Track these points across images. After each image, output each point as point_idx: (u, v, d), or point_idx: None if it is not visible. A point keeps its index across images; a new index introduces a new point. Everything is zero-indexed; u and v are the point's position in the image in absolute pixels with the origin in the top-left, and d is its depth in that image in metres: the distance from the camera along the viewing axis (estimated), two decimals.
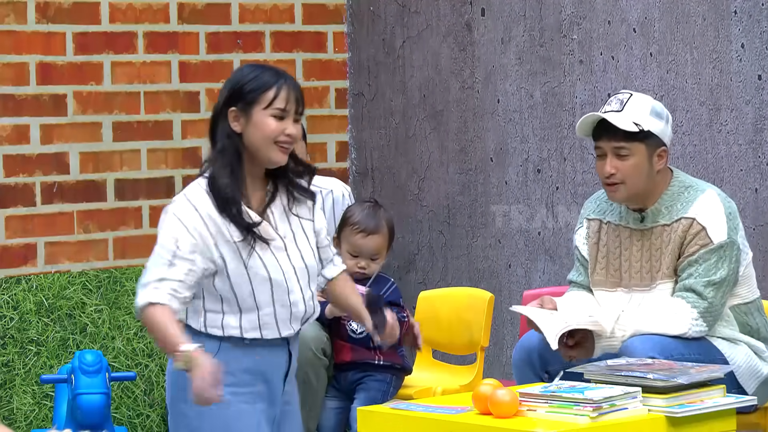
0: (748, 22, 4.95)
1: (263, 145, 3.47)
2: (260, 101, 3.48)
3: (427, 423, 3.47)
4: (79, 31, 5.73)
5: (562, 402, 3.39)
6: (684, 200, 4.13)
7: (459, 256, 5.92)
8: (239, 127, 3.49)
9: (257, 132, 3.48)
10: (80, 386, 5.01)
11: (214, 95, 6.01)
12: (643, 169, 4.10)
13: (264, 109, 3.48)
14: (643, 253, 4.14)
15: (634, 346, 3.94)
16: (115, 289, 5.78)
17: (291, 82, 3.53)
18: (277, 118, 3.48)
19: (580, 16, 5.46)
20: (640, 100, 4.14)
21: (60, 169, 5.71)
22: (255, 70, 3.52)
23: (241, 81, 3.50)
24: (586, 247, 4.24)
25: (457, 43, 5.91)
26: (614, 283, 4.18)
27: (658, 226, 4.13)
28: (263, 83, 3.49)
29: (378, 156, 6.18)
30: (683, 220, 4.09)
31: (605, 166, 4.11)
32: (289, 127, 3.49)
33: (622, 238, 4.19)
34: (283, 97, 3.49)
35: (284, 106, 3.49)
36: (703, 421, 3.48)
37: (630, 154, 4.09)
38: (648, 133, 4.09)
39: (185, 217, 3.47)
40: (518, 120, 5.69)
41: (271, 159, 3.49)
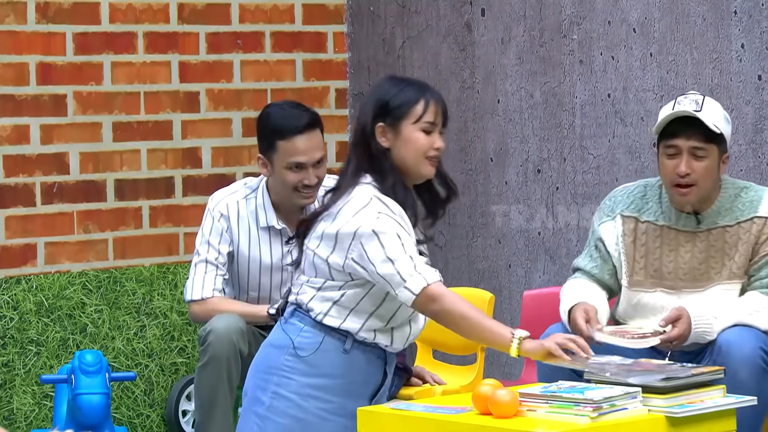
0: (748, 22, 4.95)
1: (414, 160, 3.47)
2: (409, 116, 3.47)
3: (427, 423, 3.47)
4: (79, 32, 5.73)
5: (562, 402, 3.39)
6: (746, 201, 4.05)
7: (459, 256, 5.92)
8: (387, 142, 3.47)
9: (408, 147, 3.47)
10: (80, 386, 5.01)
11: (214, 95, 6.01)
12: (713, 173, 4.01)
13: (413, 124, 3.47)
14: (694, 255, 4.04)
15: (742, 337, 3.85)
16: (115, 289, 5.78)
17: (437, 95, 3.53)
18: (426, 132, 3.48)
19: (580, 17, 5.46)
20: (713, 103, 4.03)
21: (60, 169, 5.71)
22: (399, 84, 3.50)
23: (386, 96, 3.48)
24: (618, 244, 4.11)
25: (457, 43, 5.91)
26: (654, 283, 4.08)
27: (716, 228, 4.04)
28: (411, 97, 3.48)
29: None
30: (756, 220, 4.02)
31: (680, 166, 3.97)
32: (438, 140, 3.50)
33: (665, 240, 4.07)
34: (432, 111, 3.49)
35: (433, 120, 3.50)
36: (703, 422, 3.48)
37: (706, 156, 3.98)
38: (722, 137, 4.01)
39: (391, 213, 3.41)
40: (518, 120, 5.69)
41: (422, 173, 3.50)
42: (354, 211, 3.40)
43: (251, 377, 3.51)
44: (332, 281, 3.43)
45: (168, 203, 5.92)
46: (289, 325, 3.45)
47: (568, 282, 4.17)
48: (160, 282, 5.87)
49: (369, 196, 3.41)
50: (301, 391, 3.40)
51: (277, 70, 6.13)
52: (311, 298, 3.44)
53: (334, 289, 3.43)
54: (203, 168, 6.00)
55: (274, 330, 3.52)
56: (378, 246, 3.35)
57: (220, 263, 4.48)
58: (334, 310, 3.41)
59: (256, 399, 3.44)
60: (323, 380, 3.40)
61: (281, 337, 3.45)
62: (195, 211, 5.86)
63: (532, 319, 4.64)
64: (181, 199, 5.95)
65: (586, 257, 4.18)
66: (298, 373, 3.40)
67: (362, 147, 3.48)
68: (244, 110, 6.07)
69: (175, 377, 5.89)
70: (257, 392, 3.44)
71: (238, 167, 6.05)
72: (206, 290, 4.50)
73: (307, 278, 3.47)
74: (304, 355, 3.40)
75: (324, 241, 3.42)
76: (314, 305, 3.41)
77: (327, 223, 3.45)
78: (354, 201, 3.41)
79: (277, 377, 3.41)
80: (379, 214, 3.37)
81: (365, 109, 3.50)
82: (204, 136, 6.00)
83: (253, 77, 6.09)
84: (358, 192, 3.43)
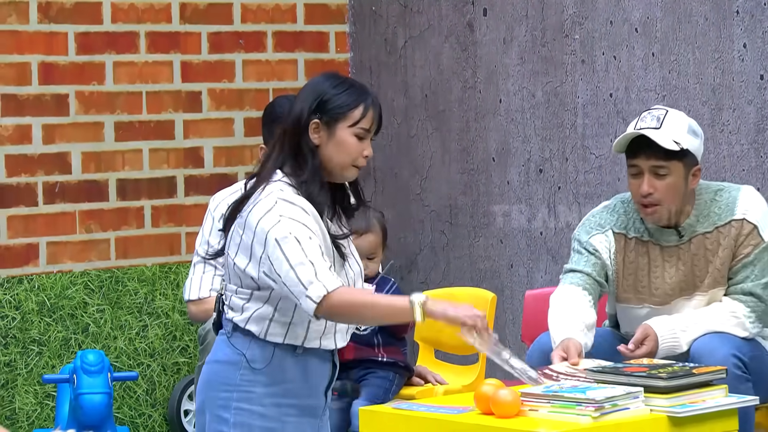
0: (750, 21, 4.94)
1: (341, 163, 3.42)
2: (346, 118, 3.42)
3: (429, 423, 3.47)
4: (81, 31, 5.73)
5: (564, 402, 3.39)
6: (721, 204, 4.03)
7: (461, 256, 5.92)
8: (318, 140, 3.42)
9: (338, 149, 3.42)
10: (82, 386, 5.01)
11: (216, 95, 6.01)
12: (679, 189, 3.96)
13: (349, 127, 3.42)
14: (678, 268, 4.02)
15: (714, 345, 3.86)
16: (117, 288, 5.78)
17: (376, 103, 3.47)
18: (359, 137, 3.43)
19: (582, 16, 5.46)
20: (676, 116, 3.99)
21: (62, 168, 5.71)
22: (342, 84, 3.44)
23: (327, 93, 3.42)
24: (610, 260, 4.08)
25: (459, 43, 5.91)
26: (641, 299, 4.07)
27: (696, 236, 4.02)
28: (352, 101, 3.42)
29: (380, 156, 6.17)
30: (734, 223, 3.99)
31: (642, 185, 3.95)
32: (368, 148, 3.44)
33: (651, 256, 4.05)
34: (369, 117, 3.43)
35: (368, 127, 3.44)
36: (705, 421, 3.48)
37: (668, 174, 3.94)
38: (686, 152, 3.95)
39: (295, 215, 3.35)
40: (520, 120, 5.69)
41: (345, 176, 3.45)
42: (258, 217, 3.36)
43: (206, 396, 3.45)
44: (258, 291, 3.39)
45: (170, 203, 5.92)
46: (236, 339, 3.41)
47: (560, 290, 4.11)
48: (162, 282, 5.87)
49: (274, 200, 3.36)
50: (263, 401, 3.39)
51: (279, 69, 6.13)
52: (246, 318, 3.40)
53: (263, 302, 3.41)
54: (205, 168, 6.00)
55: (220, 345, 3.44)
56: (280, 254, 3.31)
57: (219, 264, 4.48)
58: (272, 327, 3.39)
59: (218, 418, 3.41)
60: (282, 386, 3.40)
61: (231, 352, 3.41)
62: (197, 211, 5.85)
63: (534, 318, 4.64)
64: (183, 199, 5.95)
65: (579, 260, 4.12)
66: (257, 384, 3.39)
67: (292, 137, 3.44)
68: (246, 110, 6.07)
69: (177, 377, 5.89)
70: (219, 411, 3.41)
71: (240, 167, 6.05)
72: (204, 290, 4.50)
73: (235, 288, 3.42)
74: (260, 367, 3.38)
75: (241, 250, 3.39)
76: (252, 327, 3.39)
77: (240, 227, 3.41)
78: (259, 206, 3.37)
79: (237, 393, 3.39)
80: (281, 217, 3.32)
81: (302, 101, 3.44)
82: (206, 135, 6.00)
83: (255, 77, 6.09)
84: (266, 193, 3.39)
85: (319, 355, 3.45)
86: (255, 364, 3.38)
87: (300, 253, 3.30)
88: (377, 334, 4.58)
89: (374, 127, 3.47)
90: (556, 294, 4.10)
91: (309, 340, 3.43)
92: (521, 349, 5.49)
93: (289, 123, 3.45)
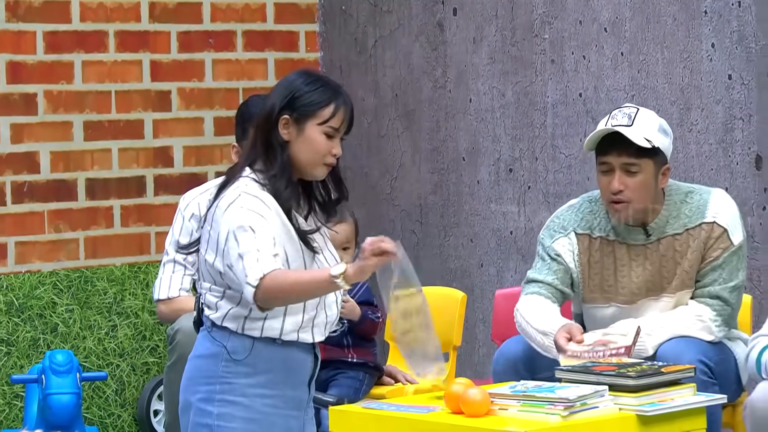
0: (718, 22, 4.97)
1: (310, 161, 3.42)
2: (316, 116, 3.42)
3: (399, 422, 3.47)
4: (49, 30, 5.70)
5: (534, 401, 3.40)
6: (692, 206, 4.02)
7: (431, 256, 5.93)
8: (288, 136, 3.42)
9: (307, 147, 3.42)
10: (51, 386, 4.99)
11: (185, 94, 6.00)
12: (649, 187, 3.96)
13: (318, 125, 3.42)
14: (645, 268, 4.02)
15: (680, 349, 3.86)
16: (86, 288, 5.76)
17: (348, 102, 3.47)
18: (328, 136, 3.43)
19: (551, 16, 5.47)
20: (648, 115, 3.99)
21: (30, 168, 5.68)
22: (315, 82, 3.45)
23: (299, 90, 3.43)
24: (574, 261, 4.07)
25: (429, 43, 5.91)
26: (607, 299, 4.06)
27: (666, 237, 4.01)
28: (323, 99, 3.43)
29: (350, 155, 6.17)
30: (704, 226, 3.99)
31: (613, 182, 3.94)
32: (337, 147, 3.44)
33: (617, 255, 4.04)
34: (339, 117, 3.44)
35: (338, 126, 3.44)
36: (674, 420, 3.49)
37: (639, 171, 3.94)
38: (657, 150, 3.95)
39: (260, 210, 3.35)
40: (490, 119, 5.70)
41: (314, 174, 3.45)
42: (222, 210, 3.37)
43: (189, 391, 3.44)
44: (230, 290, 3.39)
45: (139, 202, 5.90)
46: (216, 332, 3.42)
47: (526, 300, 4.07)
48: (132, 281, 5.85)
49: (237, 193, 3.37)
50: (246, 392, 3.40)
51: (249, 69, 6.12)
52: (221, 316, 3.40)
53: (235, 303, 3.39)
54: (175, 167, 5.98)
55: (201, 340, 3.44)
56: (234, 244, 3.32)
57: (189, 263, 4.47)
58: (248, 323, 3.39)
59: (202, 411, 3.41)
60: (265, 376, 3.40)
61: (211, 346, 3.42)
62: (166, 211, 5.84)
63: (504, 317, 4.64)
64: (152, 199, 5.94)
65: (542, 269, 4.09)
66: (239, 375, 3.39)
67: (263, 132, 3.44)
68: (215, 109, 6.06)
69: (147, 377, 5.87)
70: (201, 404, 3.41)
71: (210, 166, 6.04)
72: (173, 290, 4.49)
73: (209, 286, 3.42)
74: (241, 358, 3.38)
75: (209, 245, 3.40)
76: (228, 324, 3.39)
77: (208, 223, 3.42)
78: (223, 200, 3.38)
79: (219, 385, 3.39)
80: (240, 209, 3.34)
81: (274, 97, 3.44)
82: (175, 135, 5.99)
83: (224, 76, 6.08)
84: (232, 188, 3.40)
85: (299, 346, 3.45)
86: (236, 355, 3.39)
87: (251, 242, 3.30)
88: (347, 335, 4.58)
89: (344, 127, 3.47)
90: (524, 304, 4.07)
91: (286, 333, 3.42)
92: (491, 347, 5.50)
93: (261, 118, 3.46)
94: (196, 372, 3.44)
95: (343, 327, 4.58)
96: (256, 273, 3.29)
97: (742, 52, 4.90)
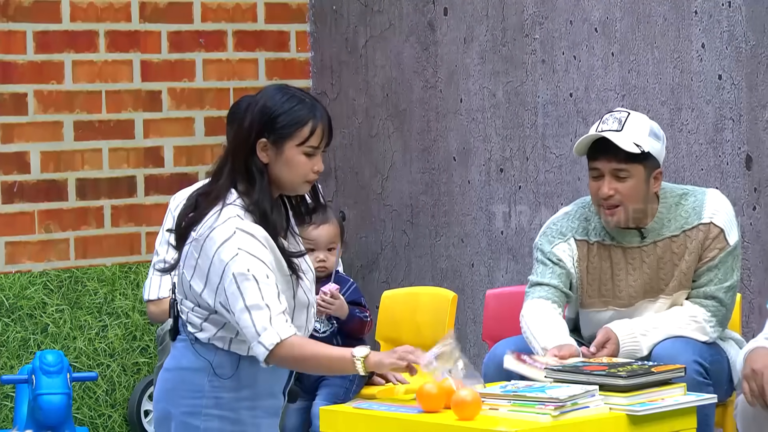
0: (708, 22, 4.97)
1: (292, 181, 3.37)
2: (294, 137, 3.35)
3: (389, 422, 3.47)
4: (39, 30, 5.70)
5: (525, 401, 3.40)
6: (688, 208, 4.03)
7: (422, 256, 5.93)
8: (267, 158, 3.35)
9: (288, 168, 3.36)
10: (41, 386, 4.98)
11: (176, 94, 5.99)
12: (640, 192, 3.96)
13: (297, 146, 3.35)
14: (643, 271, 4.02)
15: (675, 350, 3.87)
16: (77, 288, 5.75)
17: (325, 117, 3.39)
18: (308, 155, 3.37)
19: (542, 16, 5.48)
20: (638, 119, 3.99)
21: (21, 168, 5.68)
22: (290, 100, 3.36)
23: (275, 111, 3.35)
24: (575, 269, 4.07)
25: (419, 43, 5.91)
26: (605, 302, 4.07)
27: (662, 240, 4.02)
28: (300, 119, 3.35)
29: (341, 155, 6.17)
30: (701, 227, 4.00)
31: (603, 188, 3.95)
32: (318, 163, 3.38)
33: (614, 259, 4.05)
34: (317, 135, 3.36)
35: (317, 144, 3.37)
36: (664, 420, 3.50)
37: (629, 176, 3.94)
38: (647, 155, 3.95)
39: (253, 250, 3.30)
40: (481, 119, 5.70)
41: (297, 191, 3.42)
42: (216, 246, 3.30)
43: (170, 403, 3.40)
44: (215, 315, 3.36)
45: (130, 203, 5.90)
46: (200, 347, 3.39)
47: (531, 304, 4.07)
48: (122, 282, 5.84)
49: (232, 229, 3.30)
50: (233, 405, 3.38)
51: (240, 69, 6.12)
52: (207, 337, 3.37)
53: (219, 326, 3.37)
54: (165, 167, 5.98)
55: (182, 351, 3.40)
56: (236, 291, 3.27)
57: None
58: (234, 343, 3.38)
59: (187, 425, 3.38)
60: (250, 390, 3.39)
61: (195, 359, 3.39)
62: (157, 211, 5.83)
63: (495, 317, 4.65)
64: (143, 199, 5.93)
65: (545, 272, 4.09)
66: (225, 389, 3.37)
67: (241, 157, 3.35)
68: (206, 109, 6.06)
69: (137, 377, 5.87)
70: (186, 418, 3.37)
71: (201, 166, 6.03)
72: (163, 290, 4.49)
73: (192, 306, 3.38)
74: (228, 374, 3.37)
75: (197, 274, 3.34)
76: (216, 343, 3.37)
77: (195, 249, 3.34)
78: (217, 234, 3.31)
79: (205, 399, 3.37)
80: (239, 250, 3.27)
81: (251, 119, 3.35)
82: (166, 135, 5.98)
83: (215, 76, 6.07)
84: (223, 218, 3.32)
85: None
86: (221, 370, 3.37)
87: (257, 294, 3.26)
88: (336, 336, 4.58)
89: (324, 143, 3.40)
90: (529, 309, 4.07)
91: None
92: (482, 348, 5.50)
93: (237, 143, 3.37)
94: (180, 384, 3.39)
95: (332, 327, 4.58)
96: (272, 337, 3.27)
97: (732, 53, 4.91)
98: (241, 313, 3.27)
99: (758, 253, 4.88)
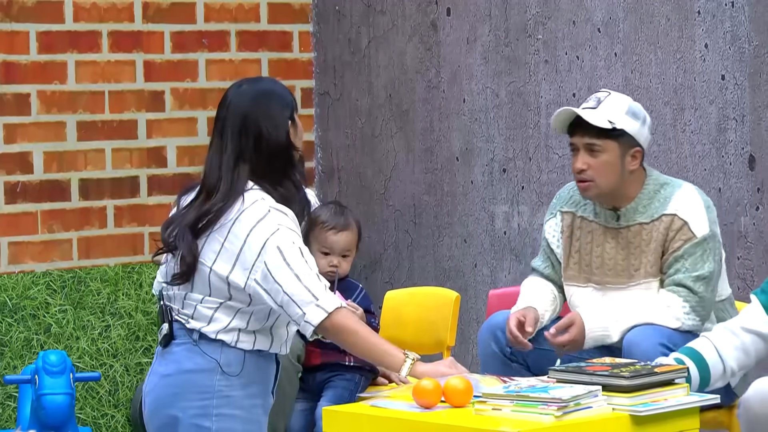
0: (711, 22, 4.97)
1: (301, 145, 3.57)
2: (297, 107, 3.54)
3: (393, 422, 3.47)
4: (42, 30, 5.70)
5: (527, 401, 3.40)
6: (661, 197, 4.14)
7: (425, 256, 5.93)
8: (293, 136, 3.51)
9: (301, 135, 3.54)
10: (44, 387, 4.98)
11: (179, 94, 5.99)
12: (614, 168, 4.11)
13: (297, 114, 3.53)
14: (618, 252, 4.15)
15: (644, 335, 3.96)
16: (80, 289, 5.76)
17: None
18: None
19: (545, 16, 5.48)
20: (617, 99, 4.15)
21: (24, 168, 5.68)
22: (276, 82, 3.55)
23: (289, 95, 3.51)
24: (558, 240, 4.26)
25: (422, 43, 5.91)
26: (586, 278, 4.20)
27: (635, 225, 4.15)
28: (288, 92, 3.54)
29: (344, 156, 6.17)
30: (664, 218, 4.11)
31: (576, 162, 4.13)
32: None
33: (594, 235, 4.20)
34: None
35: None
36: (667, 420, 3.50)
37: (601, 151, 4.10)
38: (621, 132, 4.10)
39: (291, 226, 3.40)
40: (484, 120, 5.70)
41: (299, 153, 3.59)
42: (251, 225, 3.31)
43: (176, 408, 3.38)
44: (231, 302, 3.36)
45: (133, 203, 5.90)
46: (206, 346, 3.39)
47: (525, 280, 4.33)
48: (125, 282, 5.85)
49: (266, 208, 3.33)
50: (244, 403, 3.39)
51: (243, 69, 6.12)
52: (216, 330, 3.35)
53: (232, 314, 3.38)
54: (168, 167, 5.98)
55: (185, 354, 3.39)
56: (282, 263, 3.28)
57: None
58: (242, 336, 3.38)
59: (198, 427, 3.38)
60: (257, 386, 3.41)
61: (201, 360, 3.38)
62: (160, 211, 5.84)
63: None
64: (146, 199, 5.93)
65: (540, 257, 4.33)
66: (235, 388, 3.38)
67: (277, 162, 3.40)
68: (209, 109, 6.06)
69: (140, 377, 5.87)
70: (196, 420, 3.37)
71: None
72: None
73: (201, 297, 3.37)
74: (236, 372, 3.38)
75: (222, 256, 3.33)
76: (223, 336, 3.36)
77: (220, 235, 3.35)
78: (249, 214, 3.33)
79: (216, 399, 3.37)
80: (279, 226, 3.31)
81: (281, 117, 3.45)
82: (169, 135, 5.98)
83: (218, 76, 6.08)
84: (250, 200, 3.35)
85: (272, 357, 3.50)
86: (230, 368, 3.38)
87: (304, 264, 3.31)
88: None
89: None
90: (526, 281, 4.32)
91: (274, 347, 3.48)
92: None
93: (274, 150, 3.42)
94: (185, 387, 3.39)
95: None
96: (333, 302, 3.31)
97: (735, 53, 4.91)
98: (292, 282, 3.29)
99: (761, 253, 4.88)
